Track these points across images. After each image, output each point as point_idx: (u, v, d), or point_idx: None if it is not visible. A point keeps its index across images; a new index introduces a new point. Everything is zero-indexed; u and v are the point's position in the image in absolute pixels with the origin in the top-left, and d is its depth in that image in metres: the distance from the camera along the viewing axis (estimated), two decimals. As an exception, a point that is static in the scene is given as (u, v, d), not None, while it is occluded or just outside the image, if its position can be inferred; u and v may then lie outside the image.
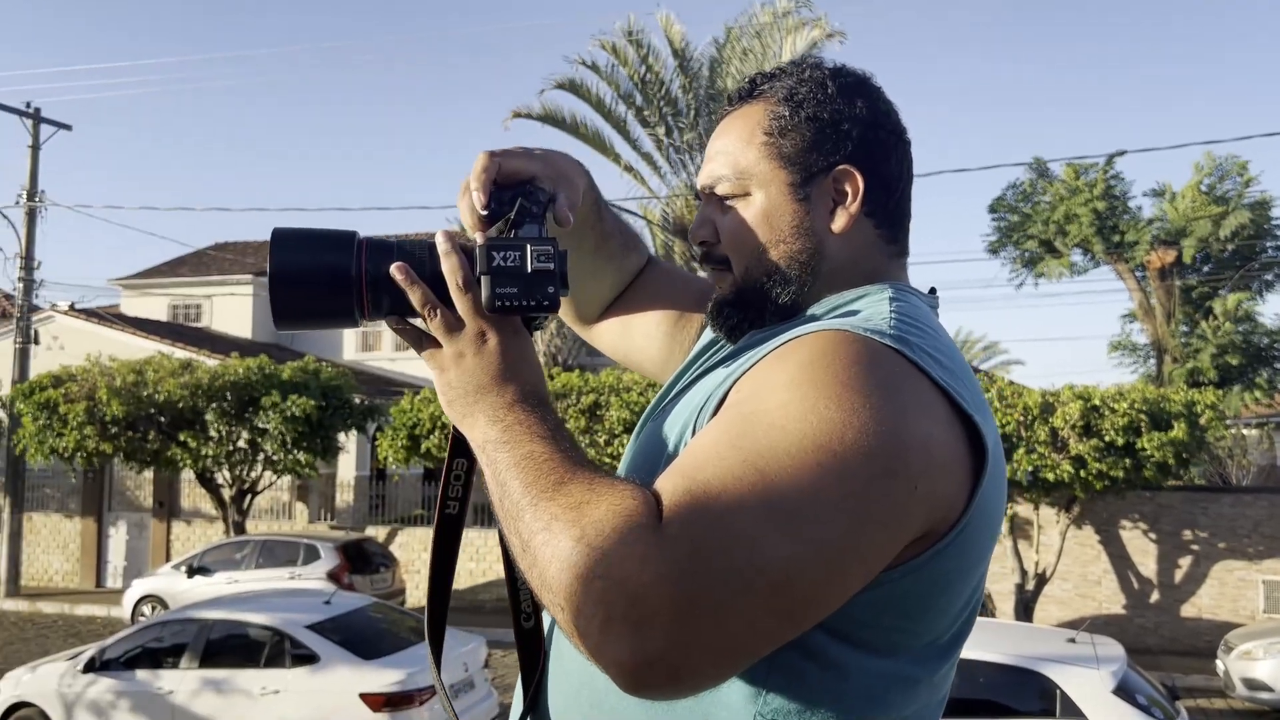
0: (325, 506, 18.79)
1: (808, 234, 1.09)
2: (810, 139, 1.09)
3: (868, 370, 0.89)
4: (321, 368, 15.45)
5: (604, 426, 13.33)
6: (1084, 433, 11.50)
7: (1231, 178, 16.12)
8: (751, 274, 1.11)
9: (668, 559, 0.79)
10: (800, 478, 0.83)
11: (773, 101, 1.12)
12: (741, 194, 1.11)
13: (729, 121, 1.15)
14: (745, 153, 1.11)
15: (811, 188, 1.09)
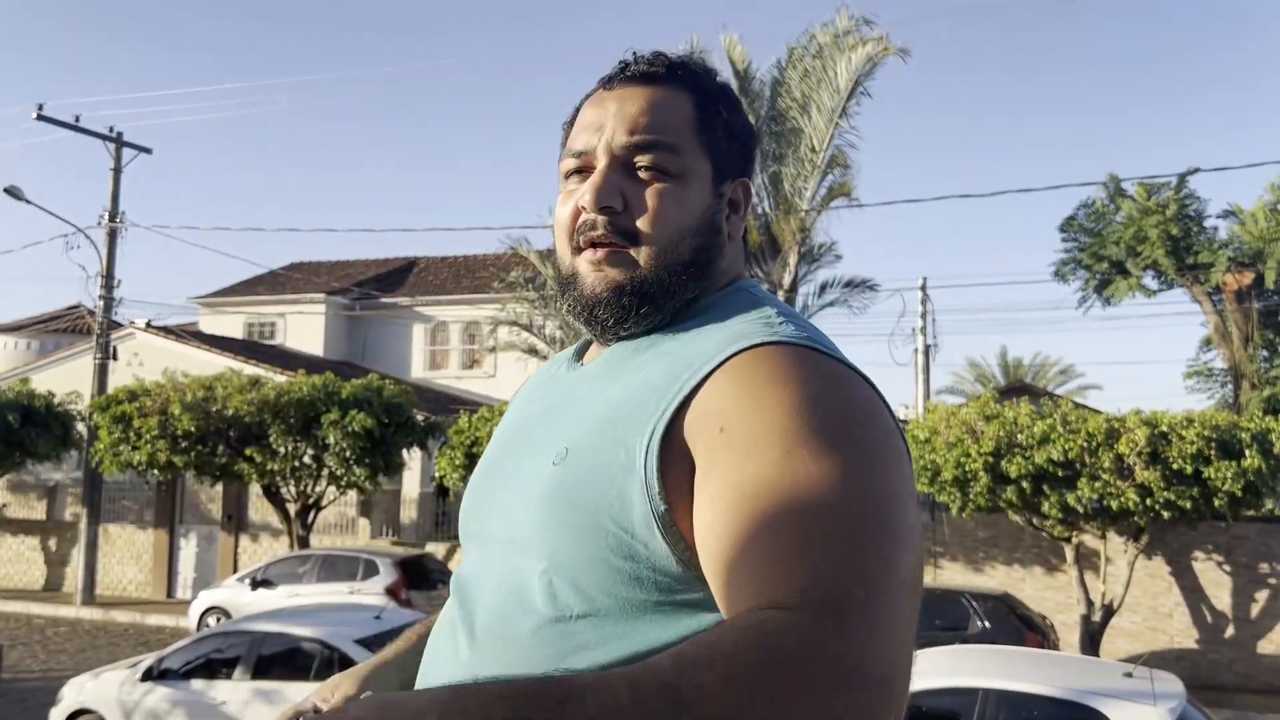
0: (389, 522, 19.06)
1: (717, 234, 1.08)
2: (726, 143, 1.09)
3: (849, 403, 0.91)
4: (384, 385, 15.71)
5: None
6: (1151, 460, 11.14)
7: (1314, 197, 15.56)
8: (665, 261, 1.04)
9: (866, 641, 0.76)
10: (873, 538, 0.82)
11: (694, 93, 1.08)
12: (673, 173, 1.04)
13: (645, 93, 1.07)
14: (681, 132, 1.06)
15: (722, 189, 1.09)
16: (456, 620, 1.04)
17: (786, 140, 17.24)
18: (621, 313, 1.04)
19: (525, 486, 1.01)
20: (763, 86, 17.62)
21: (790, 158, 17.21)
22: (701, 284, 1.06)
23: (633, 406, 0.96)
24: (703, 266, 1.06)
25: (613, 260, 1.04)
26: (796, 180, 17.16)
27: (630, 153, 1.04)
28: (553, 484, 0.97)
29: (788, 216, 17.04)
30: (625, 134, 1.05)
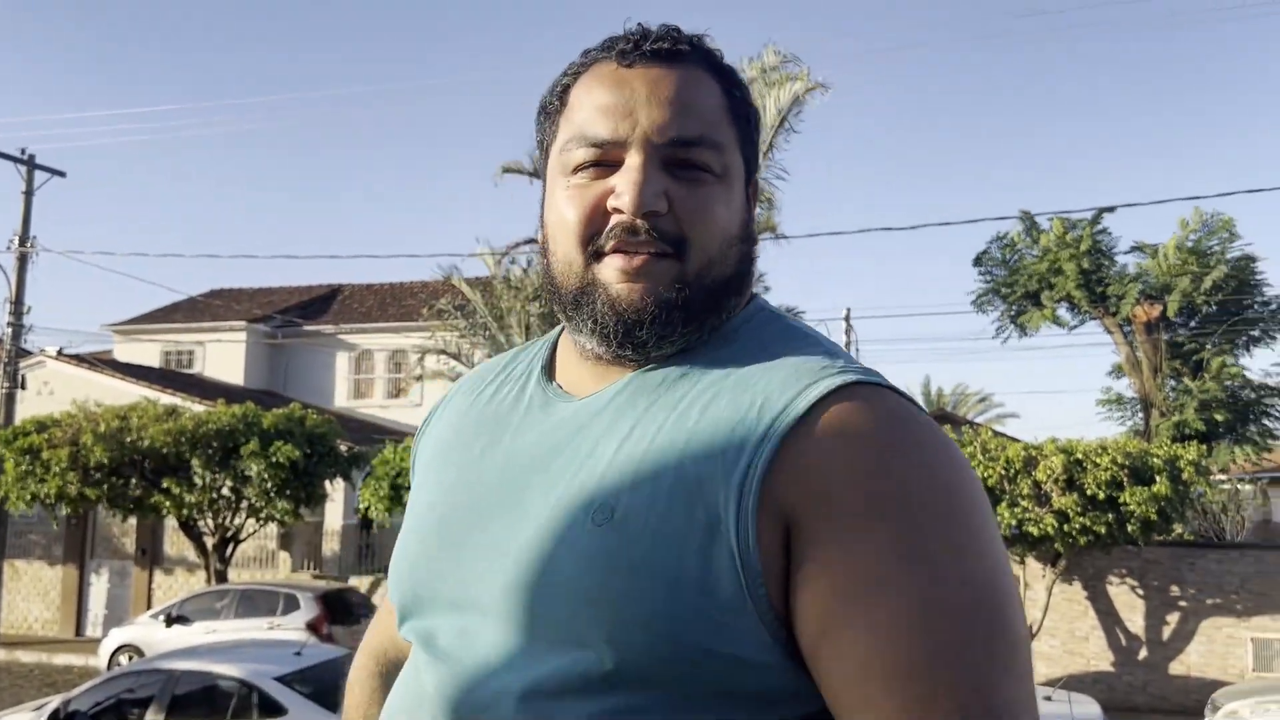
0: (310, 555, 18.64)
1: (752, 239, 0.93)
2: (751, 138, 0.94)
3: (957, 464, 0.80)
4: (307, 415, 15.42)
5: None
6: (1067, 487, 11.45)
7: (1218, 235, 16.25)
8: (711, 273, 0.88)
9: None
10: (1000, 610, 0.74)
11: (718, 76, 0.92)
12: (718, 172, 0.89)
13: (678, 77, 0.90)
14: (720, 124, 0.90)
15: (748, 189, 0.94)
16: (439, 713, 0.85)
17: (714, 172, 17.45)
18: (666, 331, 0.87)
19: (551, 552, 0.82)
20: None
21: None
22: (741, 298, 0.93)
23: (700, 454, 0.80)
24: (745, 278, 0.92)
25: (656, 269, 0.87)
26: (724, 211, 17.37)
27: (674, 148, 0.87)
28: (601, 551, 0.79)
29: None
30: (669, 125, 0.87)
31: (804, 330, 0.93)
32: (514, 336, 20.27)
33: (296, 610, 13.37)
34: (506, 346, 20.62)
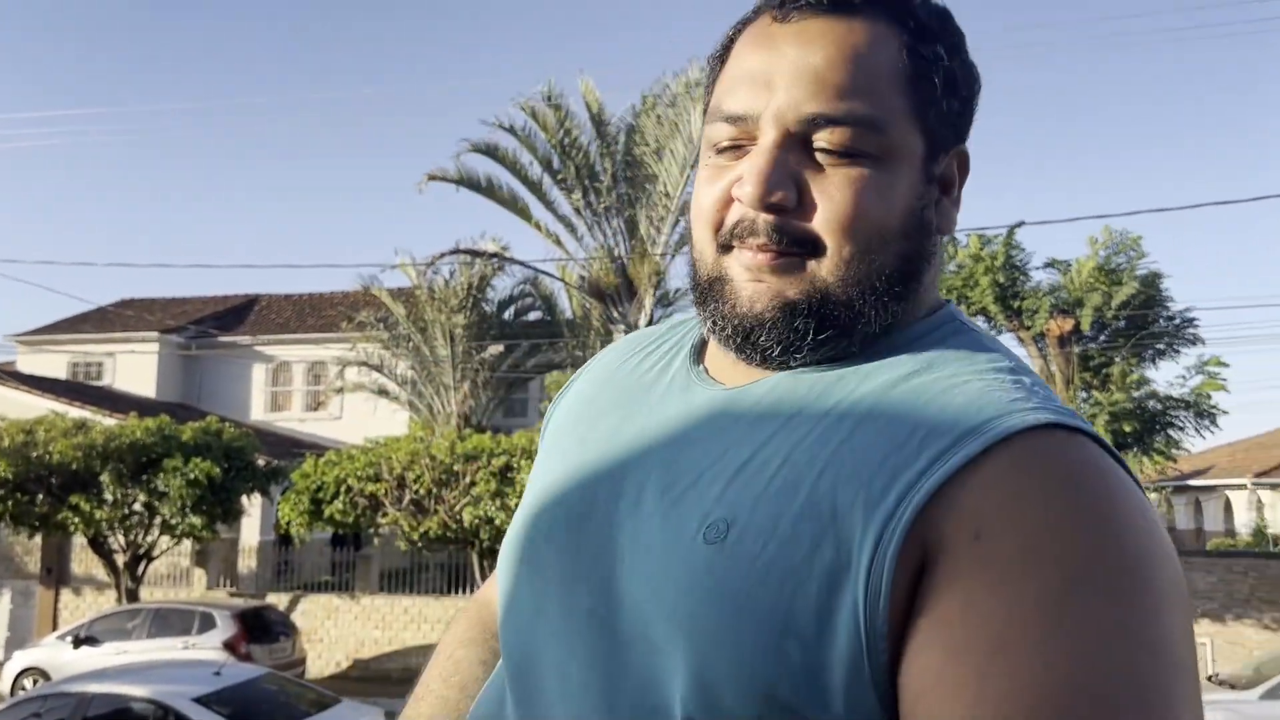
0: (226, 572, 18.13)
1: (927, 232, 0.78)
2: (946, 101, 0.77)
3: (1147, 532, 0.64)
4: (225, 428, 15.02)
5: (515, 489, 13.17)
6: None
7: (1126, 252, 16.86)
8: (858, 274, 0.75)
9: None
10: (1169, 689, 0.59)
11: (904, 28, 0.76)
12: (874, 154, 0.74)
13: (835, 33, 0.75)
14: (882, 92, 0.74)
15: (936, 168, 0.78)
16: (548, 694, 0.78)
17: (641, 185, 17.51)
18: (792, 339, 0.76)
19: (657, 558, 0.73)
20: (618, 131, 17.88)
21: (645, 202, 17.48)
22: (905, 303, 0.78)
23: (842, 481, 0.68)
24: (908, 279, 0.77)
25: (782, 269, 0.76)
26: (651, 225, 17.44)
27: (812, 127, 0.74)
28: (705, 573, 0.69)
29: (643, 260, 17.27)
30: (808, 99, 0.74)
31: (996, 349, 0.78)
32: (438, 349, 20.09)
33: (213, 629, 12.99)
34: (431, 359, 20.43)
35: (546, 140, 17.55)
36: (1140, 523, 0.64)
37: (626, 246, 17.77)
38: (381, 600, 15.89)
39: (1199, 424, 18.21)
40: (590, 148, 17.77)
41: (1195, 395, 18.12)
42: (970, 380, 0.72)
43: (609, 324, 18.30)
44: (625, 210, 17.68)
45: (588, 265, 18.09)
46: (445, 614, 15.85)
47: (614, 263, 17.75)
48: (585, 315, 20.38)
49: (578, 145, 17.64)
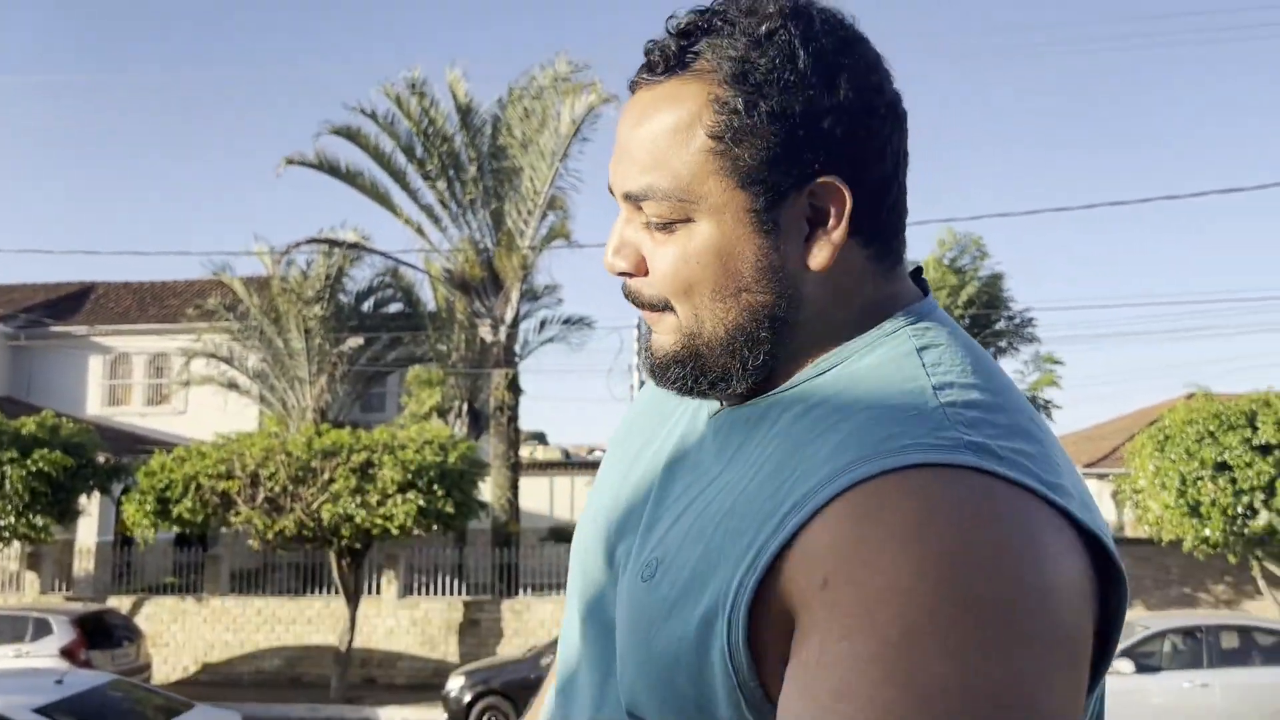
0: (61, 575, 17.07)
1: (779, 277, 0.77)
2: (778, 145, 0.75)
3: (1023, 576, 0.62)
4: (63, 423, 14.15)
5: (376, 486, 12.88)
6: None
7: (970, 252, 17.75)
8: (705, 329, 0.79)
9: None
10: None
11: (717, 82, 0.76)
12: (682, 219, 0.77)
13: (650, 102, 0.78)
14: (685, 159, 0.76)
15: (780, 212, 0.77)
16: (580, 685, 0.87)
17: (508, 177, 17.38)
18: (683, 382, 0.82)
19: (624, 579, 0.81)
20: (484, 123, 17.69)
21: (512, 194, 17.35)
22: (774, 345, 0.79)
23: (722, 533, 0.73)
24: (760, 327, 0.78)
25: (657, 323, 0.83)
26: (518, 219, 17.33)
27: (633, 201, 0.80)
28: (636, 609, 0.76)
29: (510, 254, 17.14)
30: (623, 178, 0.80)
31: (923, 366, 0.75)
32: (293, 341, 19.42)
33: (49, 635, 12.21)
34: (284, 350, 19.71)
35: (410, 128, 17.22)
36: (996, 567, 0.61)
37: (493, 239, 17.61)
38: (232, 602, 15.28)
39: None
40: (456, 138, 17.52)
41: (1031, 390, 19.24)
42: (861, 415, 0.72)
43: (474, 318, 18.09)
44: (491, 202, 17.51)
45: (452, 257, 17.83)
46: (300, 614, 15.38)
47: (479, 255, 17.56)
48: (449, 308, 20.08)
49: (443, 134, 17.37)
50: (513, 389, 17.77)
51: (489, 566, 16.47)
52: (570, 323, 20.68)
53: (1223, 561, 13.45)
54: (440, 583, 15.62)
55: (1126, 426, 20.51)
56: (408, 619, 15.28)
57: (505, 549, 16.50)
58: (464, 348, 20.15)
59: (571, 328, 20.59)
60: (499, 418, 17.74)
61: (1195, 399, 13.27)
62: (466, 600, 15.35)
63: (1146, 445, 13.04)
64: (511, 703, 11.43)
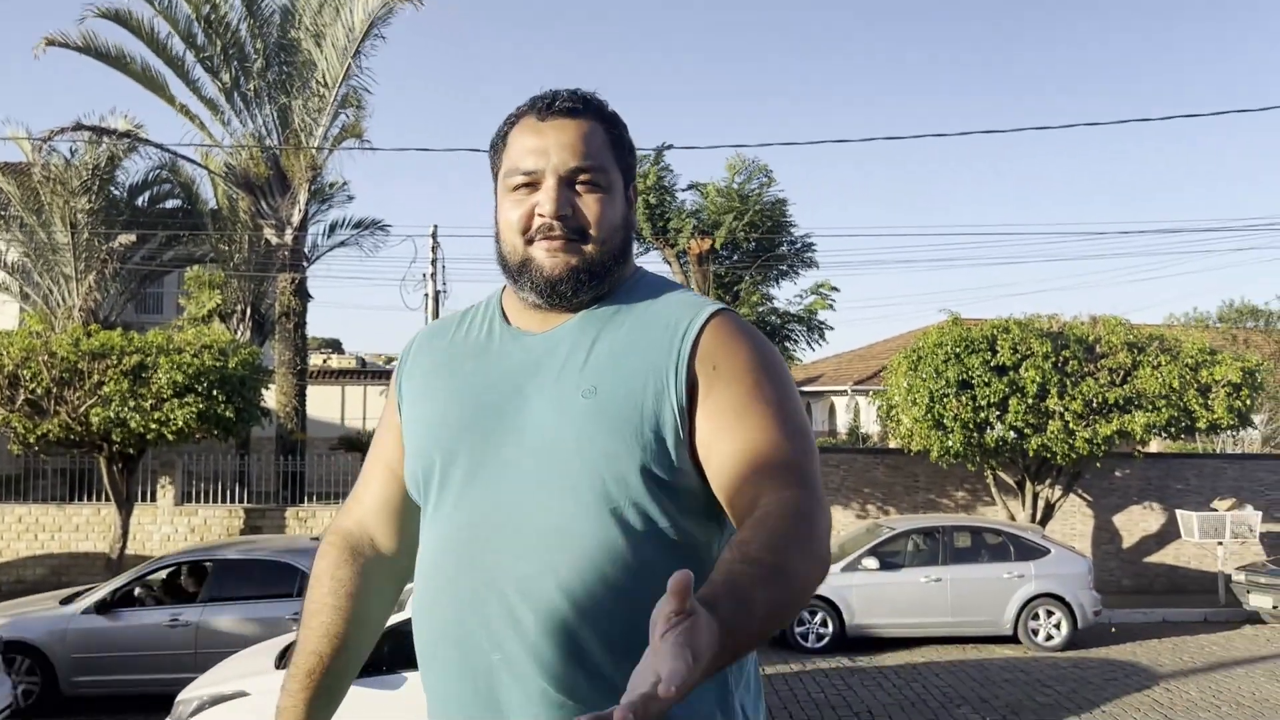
0: None
1: (629, 225, 1.46)
2: (627, 157, 1.46)
3: (768, 347, 1.39)
4: None
5: (151, 390, 12.38)
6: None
7: (756, 178, 18.48)
8: (607, 249, 1.39)
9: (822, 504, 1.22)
10: (802, 422, 1.33)
11: (604, 123, 1.43)
12: (605, 187, 1.40)
13: (572, 125, 1.40)
14: (604, 155, 1.40)
15: (628, 194, 1.46)
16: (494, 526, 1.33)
17: (298, 72, 16.65)
18: (578, 286, 1.38)
19: (557, 418, 1.33)
20: (273, 12, 16.80)
21: (302, 90, 16.65)
22: (628, 264, 1.45)
23: (642, 352, 1.35)
24: (627, 251, 1.44)
25: (568, 250, 1.38)
26: (307, 115, 16.66)
27: (573, 174, 1.38)
28: (591, 410, 1.31)
29: (298, 152, 16.50)
30: (569, 159, 1.38)
31: (671, 281, 1.51)
32: (57, 234, 18.02)
33: None
34: (49, 245, 18.26)
35: (191, 13, 16.14)
36: (769, 348, 1.39)
37: (280, 136, 16.88)
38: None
39: (810, 338, 20.59)
40: (240, 26, 16.57)
41: (808, 313, 20.41)
42: (675, 295, 1.45)
43: (258, 218, 17.36)
44: (279, 97, 16.75)
45: (236, 153, 16.99)
46: (68, 521, 14.71)
47: (265, 152, 16.82)
48: (232, 207, 19.17)
49: (225, 22, 16.38)
50: (300, 294, 17.29)
51: (273, 474, 16.19)
52: (362, 227, 20.22)
53: (963, 470, 14.92)
54: (220, 490, 15.26)
55: (895, 347, 22.12)
56: (185, 526, 14.90)
57: (291, 457, 16.25)
58: (248, 249, 19.36)
59: (364, 232, 20.15)
60: (285, 324, 17.26)
61: (947, 323, 14.51)
62: (248, 507, 15.09)
63: (901, 365, 14.21)
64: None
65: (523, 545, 1.28)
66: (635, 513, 1.29)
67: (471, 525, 1.34)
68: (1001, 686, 9.59)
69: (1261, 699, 9.20)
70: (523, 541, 1.29)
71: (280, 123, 16.85)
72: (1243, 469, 16.28)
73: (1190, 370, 13.32)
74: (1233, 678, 10.05)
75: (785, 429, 1.27)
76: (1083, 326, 13.85)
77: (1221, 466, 16.35)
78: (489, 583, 1.30)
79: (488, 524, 1.33)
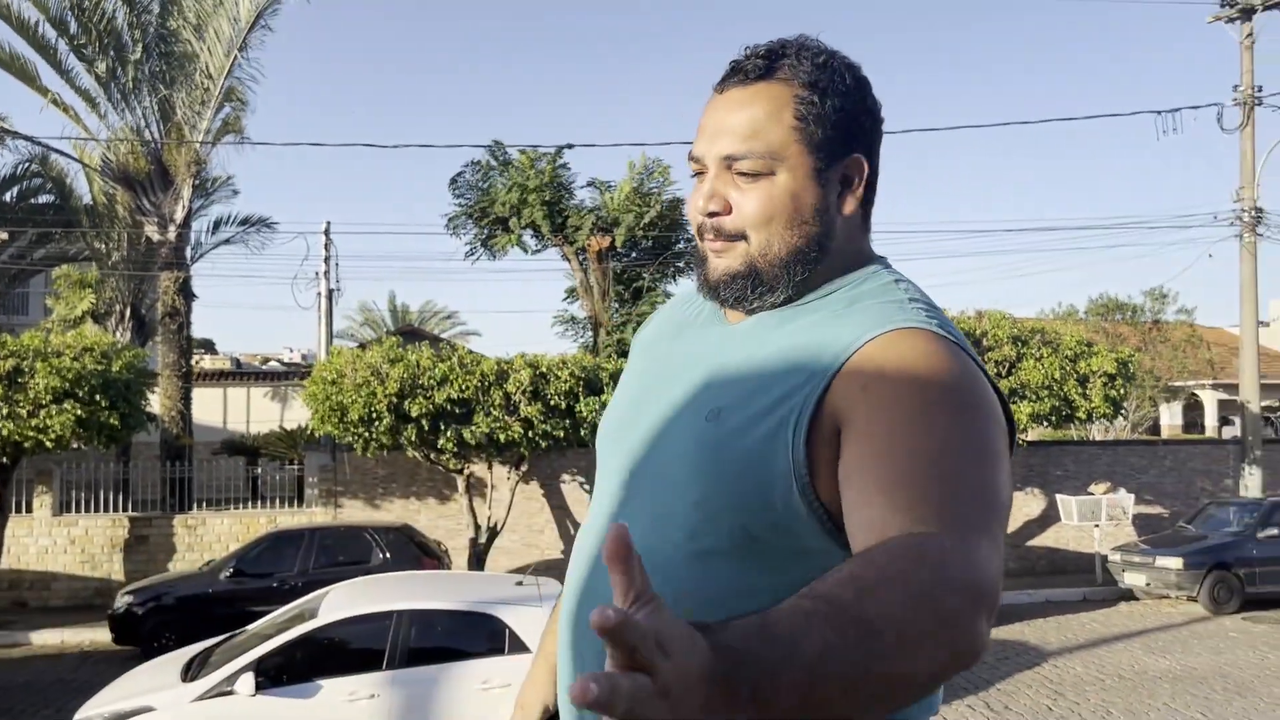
0: None
1: (824, 217, 1.17)
2: (834, 128, 1.16)
3: (965, 378, 1.07)
4: None
5: (27, 396, 11.76)
6: (533, 397, 12.65)
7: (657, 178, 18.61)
8: (772, 251, 1.16)
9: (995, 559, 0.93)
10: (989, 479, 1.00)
11: (797, 85, 1.15)
12: (767, 173, 1.15)
13: (745, 95, 1.16)
14: (774, 133, 1.14)
15: (830, 173, 1.17)
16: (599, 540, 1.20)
17: (179, 63, 16.03)
18: (739, 294, 1.19)
19: (678, 433, 1.17)
20: (152, 1, 16.13)
21: (184, 82, 16.04)
22: (815, 264, 1.18)
23: (782, 380, 1.12)
24: (811, 249, 1.17)
25: (723, 253, 1.19)
26: (190, 109, 16.07)
27: (728, 161, 1.16)
28: (706, 437, 1.13)
29: (180, 146, 15.90)
30: (723, 145, 1.16)
31: (904, 287, 1.20)
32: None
33: None
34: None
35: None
36: (964, 376, 1.06)
37: (160, 130, 16.23)
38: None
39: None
40: (117, 14, 15.85)
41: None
42: (871, 309, 1.15)
43: (139, 214, 16.66)
44: (160, 89, 16.09)
45: (114, 147, 16.25)
46: (-67, 537, 13.85)
47: (145, 147, 16.14)
48: (109, 203, 18.34)
49: (100, 8, 15.66)
50: (184, 293, 16.67)
51: (158, 481, 15.57)
52: (249, 223, 19.61)
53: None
54: (101, 499, 14.60)
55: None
56: (65, 537, 14.20)
57: (176, 463, 15.65)
58: (127, 247, 18.55)
59: (250, 229, 19.54)
60: (169, 325, 16.61)
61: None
62: (133, 516, 14.48)
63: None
64: (187, 619, 11.04)
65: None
66: (726, 564, 1.11)
67: (599, 521, 1.27)
68: (902, 670, 9.91)
69: (1140, 671, 9.74)
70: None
71: (161, 116, 16.20)
72: (1116, 454, 17.18)
73: (1070, 361, 13.99)
74: (1113, 652, 10.61)
75: (965, 478, 0.98)
76: (969, 321, 14.40)
77: (1096, 453, 17.23)
78: (589, 590, 1.23)
79: (597, 528, 1.26)
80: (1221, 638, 11.34)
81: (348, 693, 6.41)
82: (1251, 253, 16.88)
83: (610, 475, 1.27)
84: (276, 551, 11.85)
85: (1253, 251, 16.88)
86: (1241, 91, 16.89)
